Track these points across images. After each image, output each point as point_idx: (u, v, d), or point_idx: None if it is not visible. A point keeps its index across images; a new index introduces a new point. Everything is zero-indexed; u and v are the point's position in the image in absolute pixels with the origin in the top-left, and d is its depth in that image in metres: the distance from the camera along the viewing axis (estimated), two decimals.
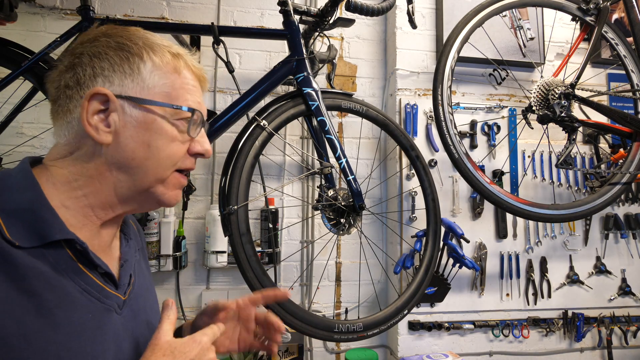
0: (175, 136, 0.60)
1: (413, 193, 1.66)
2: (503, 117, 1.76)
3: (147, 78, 0.58)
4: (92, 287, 0.55)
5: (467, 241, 1.57)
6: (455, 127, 1.41)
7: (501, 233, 1.70)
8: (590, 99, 1.55)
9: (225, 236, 1.17)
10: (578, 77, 1.50)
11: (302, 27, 1.34)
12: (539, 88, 1.51)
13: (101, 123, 0.56)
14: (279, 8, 1.28)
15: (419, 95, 1.72)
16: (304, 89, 1.25)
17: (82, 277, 0.54)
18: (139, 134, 0.58)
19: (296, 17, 1.30)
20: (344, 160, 1.25)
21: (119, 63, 0.58)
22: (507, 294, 1.70)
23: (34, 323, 0.48)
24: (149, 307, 0.69)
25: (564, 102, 1.48)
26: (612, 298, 1.78)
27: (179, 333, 0.78)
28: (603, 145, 1.83)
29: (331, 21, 1.34)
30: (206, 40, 1.68)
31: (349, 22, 1.39)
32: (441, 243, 1.52)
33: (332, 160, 1.29)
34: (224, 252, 1.54)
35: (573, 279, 1.75)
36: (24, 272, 0.49)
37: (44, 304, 0.49)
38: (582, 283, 1.76)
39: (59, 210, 0.54)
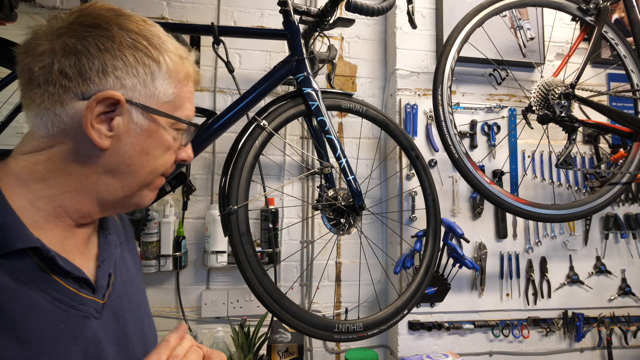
0: (171, 145, 0.59)
1: (413, 193, 1.66)
2: (503, 117, 1.76)
3: (159, 85, 0.56)
4: (64, 295, 0.50)
5: (467, 241, 1.57)
6: (455, 127, 1.41)
7: (501, 233, 1.70)
8: (590, 99, 1.55)
9: (225, 236, 1.17)
10: (578, 77, 1.50)
11: (302, 27, 1.34)
12: (539, 88, 1.51)
13: (103, 126, 0.52)
14: (279, 8, 1.28)
15: (419, 95, 1.72)
16: (304, 89, 1.25)
17: (53, 285, 0.50)
18: (140, 142, 0.55)
19: (296, 17, 1.30)
20: (344, 160, 1.25)
21: (133, 65, 0.53)
22: (507, 294, 1.70)
23: None
24: (135, 303, 0.65)
25: (564, 102, 1.48)
26: (612, 298, 1.78)
27: None
28: (603, 145, 1.83)
29: (331, 21, 1.34)
30: (206, 40, 1.68)
31: (349, 22, 1.39)
32: (441, 243, 1.52)
33: (332, 160, 1.29)
34: (224, 252, 1.54)
35: (573, 279, 1.75)
36: None
37: (9, 318, 0.45)
38: (582, 283, 1.76)
39: (25, 211, 0.50)
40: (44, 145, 0.52)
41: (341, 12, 1.80)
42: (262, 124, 1.19)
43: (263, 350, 1.46)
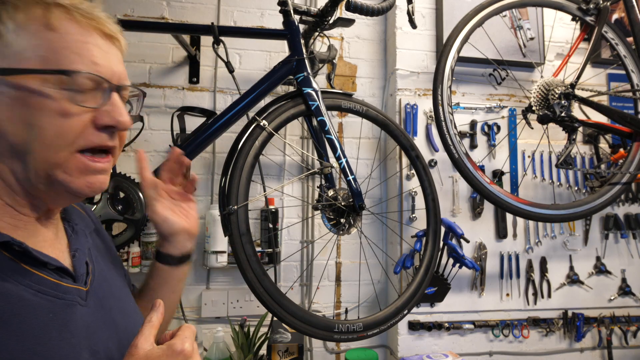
0: (65, 109, 0.49)
1: (413, 193, 1.66)
2: (503, 117, 1.76)
3: (12, 42, 0.47)
4: (45, 286, 0.49)
5: (467, 241, 1.57)
6: (455, 127, 1.41)
7: (501, 233, 1.70)
8: (590, 99, 1.55)
9: (225, 236, 1.17)
10: (578, 77, 1.50)
11: (302, 27, 1.34)
12: (539, 88, 1.51)
13: None
14: (279, 8, 1.28)
15: (419, 95, 1.72)
16: (304, 89, 1.25)
17: (32, 278, 0.48)
18: (16, 114, 0.47)
19: (296, 17, 1.30)
20: (344, 160, 1.25)
21: None
22: (507, 294, 1.70)
23: None
24: (117, 290, 0.65)
25: (564, 102, 1.48)
26: (612, 298, 1.78)
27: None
28: (603, 145, 1.83)
29: (331, 21, 1.34)
30: (206, 40, 1.68)
31: (349, 22, 1.39)
32: (441, 243, 1.52)
33: (332, 160, 1.29)
34: (224, 252, 1.54)
35: (573, 279, 1.75)
36: None
37: None
38: (582, 283, 1.76)
39: None
40: None
41: (341, 12, 1.80)
42: (262, 124, 1.19)
43: (263, 350, 1.46)
